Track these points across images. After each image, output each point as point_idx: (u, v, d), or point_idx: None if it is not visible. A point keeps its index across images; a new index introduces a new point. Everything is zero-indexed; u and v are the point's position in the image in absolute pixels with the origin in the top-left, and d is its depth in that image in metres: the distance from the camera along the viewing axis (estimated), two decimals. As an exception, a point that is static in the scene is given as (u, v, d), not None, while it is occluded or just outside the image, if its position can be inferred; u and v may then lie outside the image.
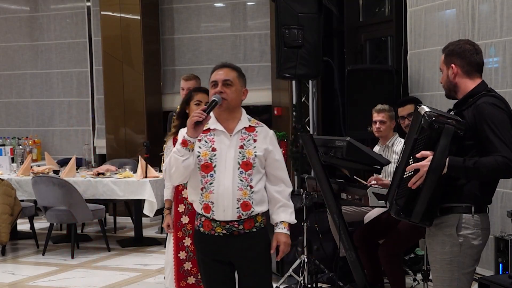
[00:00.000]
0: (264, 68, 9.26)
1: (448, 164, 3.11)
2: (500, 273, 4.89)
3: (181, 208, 4.51)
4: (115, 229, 8.65)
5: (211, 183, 3.38)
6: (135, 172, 7.58)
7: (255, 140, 3.45)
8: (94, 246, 7.81)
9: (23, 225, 8.58)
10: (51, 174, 7.62)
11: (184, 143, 3.31)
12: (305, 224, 5.42)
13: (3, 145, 9.73)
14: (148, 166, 7.21)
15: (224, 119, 3.46)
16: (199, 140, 3.41)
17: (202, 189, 3.40)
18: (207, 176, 3.39)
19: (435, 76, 6.33)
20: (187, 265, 4.49)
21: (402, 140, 5.39)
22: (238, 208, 3.38)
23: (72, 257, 7.15)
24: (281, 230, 3.51)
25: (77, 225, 7.73)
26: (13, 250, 7.69)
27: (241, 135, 3.45)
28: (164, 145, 4.66)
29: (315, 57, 6.64)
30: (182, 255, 4.50)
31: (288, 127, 8.55)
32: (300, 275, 5.44)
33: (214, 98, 3.36)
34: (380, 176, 5.34)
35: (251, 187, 3.40)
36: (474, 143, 3.18)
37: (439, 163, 3.11)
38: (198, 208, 3.46)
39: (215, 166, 3.39)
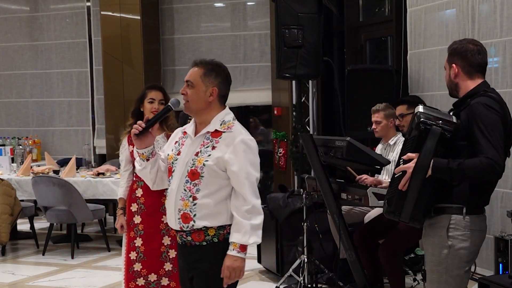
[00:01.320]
0: (264, 68, 9.25)
1: (432, 165, 3.12)
2: (500, 273, 4.89)
3: (134, 207, 4.44)
4: (115, 229, 8.63)
5: (167, 189, 3.23)
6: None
7: (213, 148, 3.12)
8: (94, 246, 7.81)
9: (23, 225, 8.58)
10: (51, 174, 7.62)
11: (138, 153, 3.19)
12: (305, 224, 5.42)
13: (3, 145, 9.73)
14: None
15: (198, 121, 3.22)
16: (175, 143, 3.27)
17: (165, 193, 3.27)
18: (169, 180, 3.22)
19: (435, 76, 6.33)
20: (137, 266, 4.38)
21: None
22: (179, 219, 3.13)
23: (72, 257, 7.15)
24: (229, 251, 3.08)
25: (77, 225, 7.73)
26: (13, 250, 7.69)
27: (204, 140, 3.16)
28: (119, 143, 4.66)
29: (315, 57, 6.64)
30: (133, 255, 4.39)
31: (288, 127, 8.55)
32: (300, 275, 5.44)
33: (169, 103, 3.16)
34: (381, 175, 5.35)
35: (195, 198, 3.09)
36: (467, 144, 3.18)
37: (424, 165, 3.12)
38: None
39: (173, 171, 3.18)
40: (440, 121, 3.14)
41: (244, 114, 9.63)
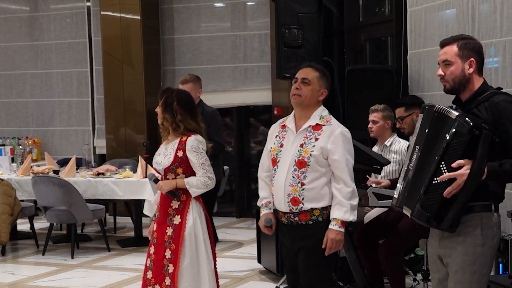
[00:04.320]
0: (264, 68, 9.25)
1: (488, 171, 3.04)
2: (500, 273, 4.88)
3: (157, 214, 4.42)
4: (115, 229, 8.65)
5: (274, 177, 3.76)
6: (135, 172, 7.58)
7: (316, 139, 3.66)
8: (94, 246, 7.81)
9: (23, 225, 8.58)
10: (51, 174, 7.62)
11: None
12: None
13: (3, 145, 9.73)
14: (148, 166, 7.20)
15: (298, 116, 3.77)
16: (276, 137, 3.81)
17: (271, 181, 3.81)
18: (273, 169, 3.78)
19: (435, 76, 6.30)
20: (149, 274, 4.34)
21: (401, 140, 5.39)
22: (288, 202, 3.67)
23: (72, 257, 7.15)
24: (332, 226, 3.66)
25: (77, 225, 7.73)
26: (13, 250, 7.69)
27: (306, 133, 3.70)
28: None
29: (315, 57, 6.62)
30: (148, 262, 4.38)
31: (288, 127, 8.54)
32: (300, 275, 5.43)
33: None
34: (380, 176, 5.34)
35: (303, 184, 3.64)
36: (496, 142, 3.11)
37: (480, 171, 3.03)
38: None
39: (278, 161, 3.74)
40: (486, 125, 3.05)
41: (244, 114, 9.63)
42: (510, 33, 5.49)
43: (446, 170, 3.08)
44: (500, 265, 4.91)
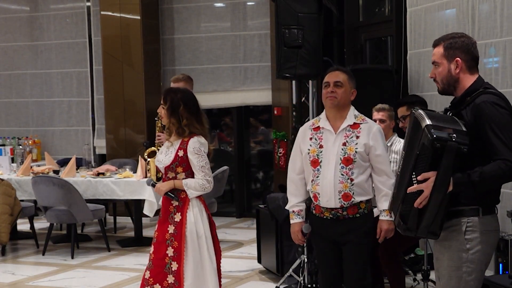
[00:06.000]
0: (264, 68, 9.25)
1: (453, 182, 2.99)
2: (500, 273, 4.88)
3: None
4: (115, 229, 8.65)
5: (317, 177, 3.91)
6: (135, 172, 7.58)
7: (357, 137, 3.90)
8: (94, 246, 7.81)
9: (23, 225, 8.58)
10: (51, 174, 7.62)
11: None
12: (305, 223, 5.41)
13: (3, 145, 9.73)
14: (148, 167, 7.20)
15: (333, 117, 3.96)
16: (310, 139, 3.97)
17: (312, 181, 3.94)
18: (315, 170, 3.92)
19: (435, 76, 6.32)
20: (147, 274, 4.33)
21: (401, 140, 5.38)
22: (339, 198, 3.87)
23: (72, 257, 7.15)
24: (384, 217, 3.97)
25: (77, 225, 7.73)
26: (13, 250, 7.69)
27: (346, 133, 3.92)
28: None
29: (315, 57, 6.64)
30: (147, 262, 4.40)
31: (288, 127, 8.55)
32: (300, 275, 5.44)
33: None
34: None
35: (352, 180, 3.87)
36: (476, 145, 3.04)
37: (443, 183, 2.98)
38: (310, 195, 4.03)
39: (321, 161, 3.90)
40: (454, 135, 2.96)
41: (244, 114, 9.62)
42: (510, 33, 5.49)
43: (416, 181, 3.05)
44: (500, 265, 4.92)
